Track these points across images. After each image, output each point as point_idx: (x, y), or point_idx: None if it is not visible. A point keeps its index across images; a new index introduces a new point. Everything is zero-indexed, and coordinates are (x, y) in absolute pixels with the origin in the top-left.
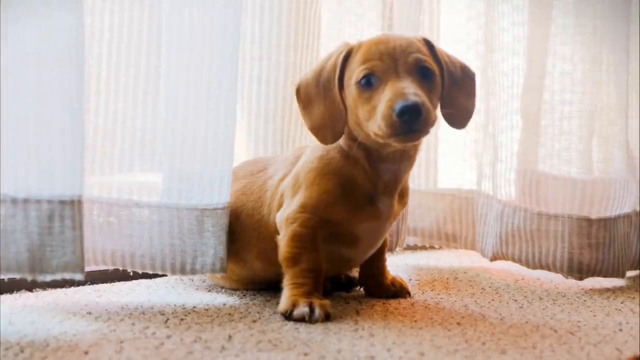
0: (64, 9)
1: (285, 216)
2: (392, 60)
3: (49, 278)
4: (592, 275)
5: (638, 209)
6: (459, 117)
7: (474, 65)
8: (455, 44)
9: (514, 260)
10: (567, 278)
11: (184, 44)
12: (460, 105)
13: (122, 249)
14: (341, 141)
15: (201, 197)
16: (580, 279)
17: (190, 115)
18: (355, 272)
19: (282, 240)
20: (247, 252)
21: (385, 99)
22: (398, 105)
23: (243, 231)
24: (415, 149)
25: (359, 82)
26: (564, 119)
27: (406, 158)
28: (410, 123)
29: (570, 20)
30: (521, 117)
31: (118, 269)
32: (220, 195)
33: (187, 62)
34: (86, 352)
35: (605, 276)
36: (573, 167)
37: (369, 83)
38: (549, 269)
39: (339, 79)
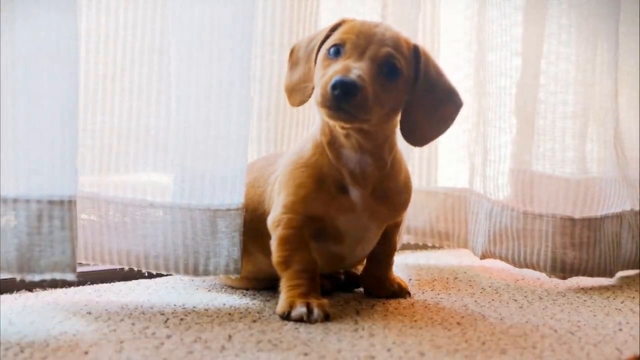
0: (54, 8)
1: (272, 220)
2: (366, 42)
3: (37, 278)
4: (577, 274)
5: (636, 209)
6: (420, 136)
7: (472, 65)
8: (454, 44)
9: (501, 258)
10: (550, 277)
11: (194, 41)
12: (429, 126)
13: (136, 249)
14: (318, 130)
15: (214, 198)
16: (564, 278)
17: (201, 113)
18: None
19: (273, 245)
20: (252, 244)
21: (332, 70)
22: (335, 78)
23: (250, 223)
24: (375, 145)
25: (328, 50)
26: (554, 118)
27: (366, 151)
28: (339, 99)
29: (565, 20)
30: (515, 117)
31: (117, 268)
32: (233, 195)
33: (197, 60)
34: (86, 352)
35: (590, 276)
36: (562, 166)
37: (336, 53)
38: (533, 268)
39: (320, 47)
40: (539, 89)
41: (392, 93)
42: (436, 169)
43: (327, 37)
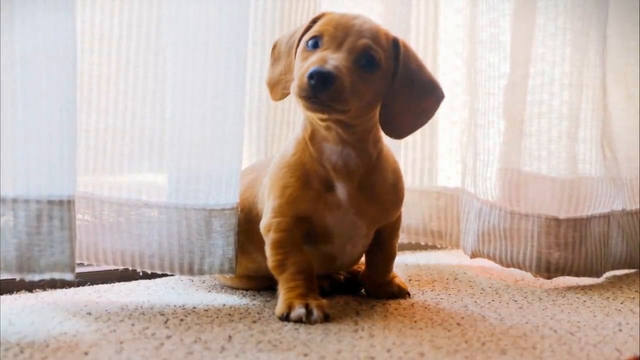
0: (53, 8)
1: (263, 225)
2: (343, 34)
3: (37, 278)
4: (562, 274)
5: (627, 209)
6: (399, 128)
7: (468, 64)
8: (455, 44)
9: (489, 258)
10: (535, 277)
11: (189, 42)
12: (408, 118)
13: (131, 248)
14: (301, 128)
15: (209, 198)
16: (549, 277)
17: (197, 114)
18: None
19: (267, 250)
20: (249, 243)
21: (309, 61)
22: (311, 69)
23: (246, 223)
24: (358, 138)
25: (306, 42)
26: (541, 119)
27: (348, 144)
28: (315, 89)
29: (555, 22)
30: (504, 117)
31: (118, 269)
32: (228, 195)
33: (192, 61)
34: (86, 353)
35: (576, 275)
36: (549, 166)
37: (315, 45)
38: (519, 268)
39: (300, 41)
40: (527, 90)
41: (370, 85)
42: (431, 168)
43: (307, 30)
